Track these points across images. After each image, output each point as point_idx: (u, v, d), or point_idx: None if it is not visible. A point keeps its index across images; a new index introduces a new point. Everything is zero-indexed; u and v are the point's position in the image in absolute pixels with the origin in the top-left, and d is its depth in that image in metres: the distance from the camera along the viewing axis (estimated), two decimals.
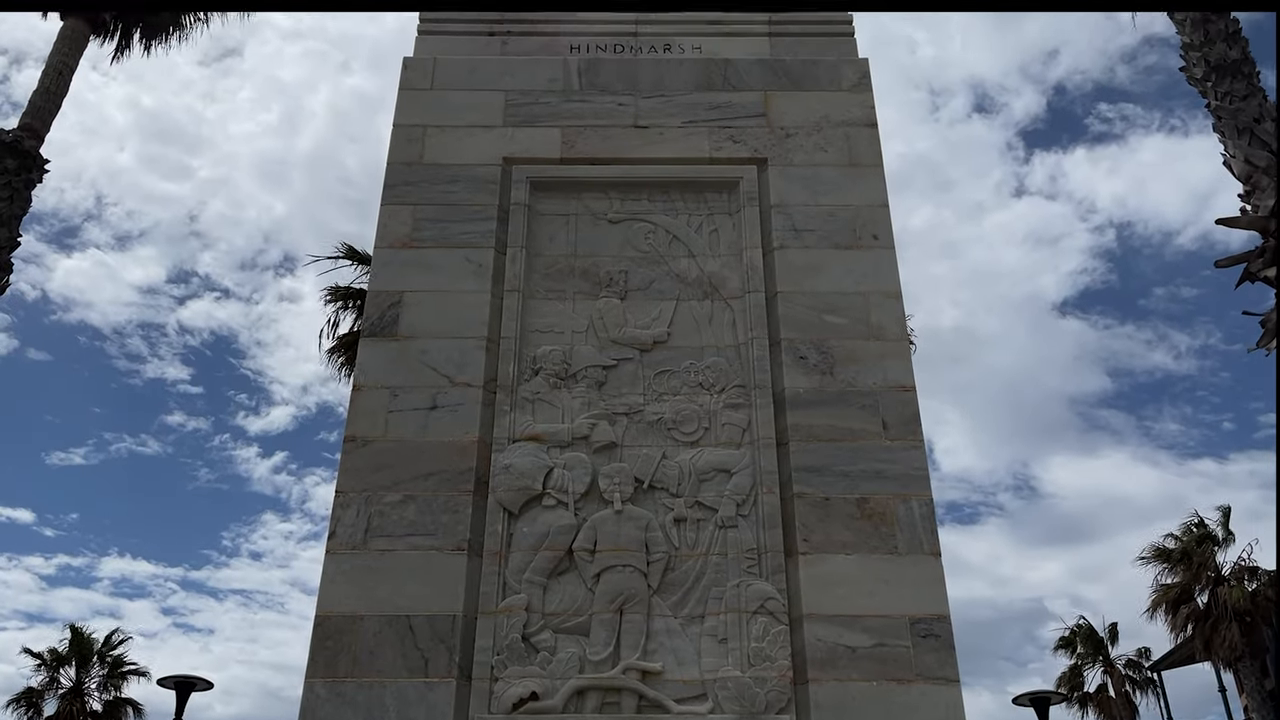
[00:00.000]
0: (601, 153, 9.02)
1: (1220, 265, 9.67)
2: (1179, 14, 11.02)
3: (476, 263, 8.39)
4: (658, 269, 8.55)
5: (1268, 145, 9.74)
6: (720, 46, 9.73)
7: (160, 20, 13.25)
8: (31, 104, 11.33)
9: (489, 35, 9.88)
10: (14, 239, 10.62)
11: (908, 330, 9.18)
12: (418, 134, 9.06)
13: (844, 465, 7.47)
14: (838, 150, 8.95)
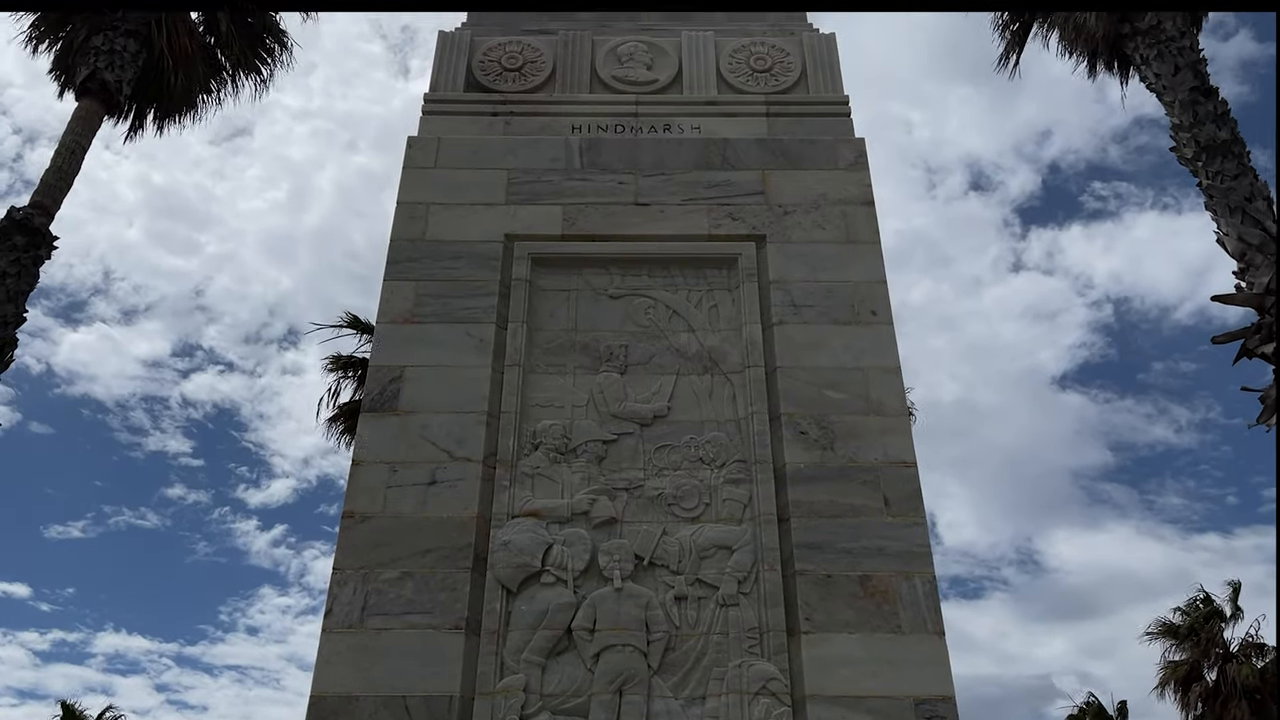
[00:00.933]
0: (602, 230, 9.13)
1: (1217, 341, 9.72)
2: (1168, 96, 11.26)
3: (478, 338, 8.44)
4: (658, 344, 8.60)
5: (1260, 223, 9.86)
6: (719, 126, 9.92)
7: (173, 100, 13.55)
8: (43, 182, 11.51)
9: (492, 115, 10.08)
10: (20, 314, 10.70)
11: (908, 404, 9.21)
12: (421, 211, 9.19)
13: (846, 542, 7.42)
14: (835, 227, 9.07)
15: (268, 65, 14.49)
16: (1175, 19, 11.85)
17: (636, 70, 10.46)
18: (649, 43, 10.67)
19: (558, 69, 10.49)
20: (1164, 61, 11.52)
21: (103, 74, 12.16)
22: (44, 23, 13.29)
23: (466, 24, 11.11)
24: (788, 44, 10.64)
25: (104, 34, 12.46)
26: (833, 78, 10.34)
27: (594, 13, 11.31)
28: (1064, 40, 13.52)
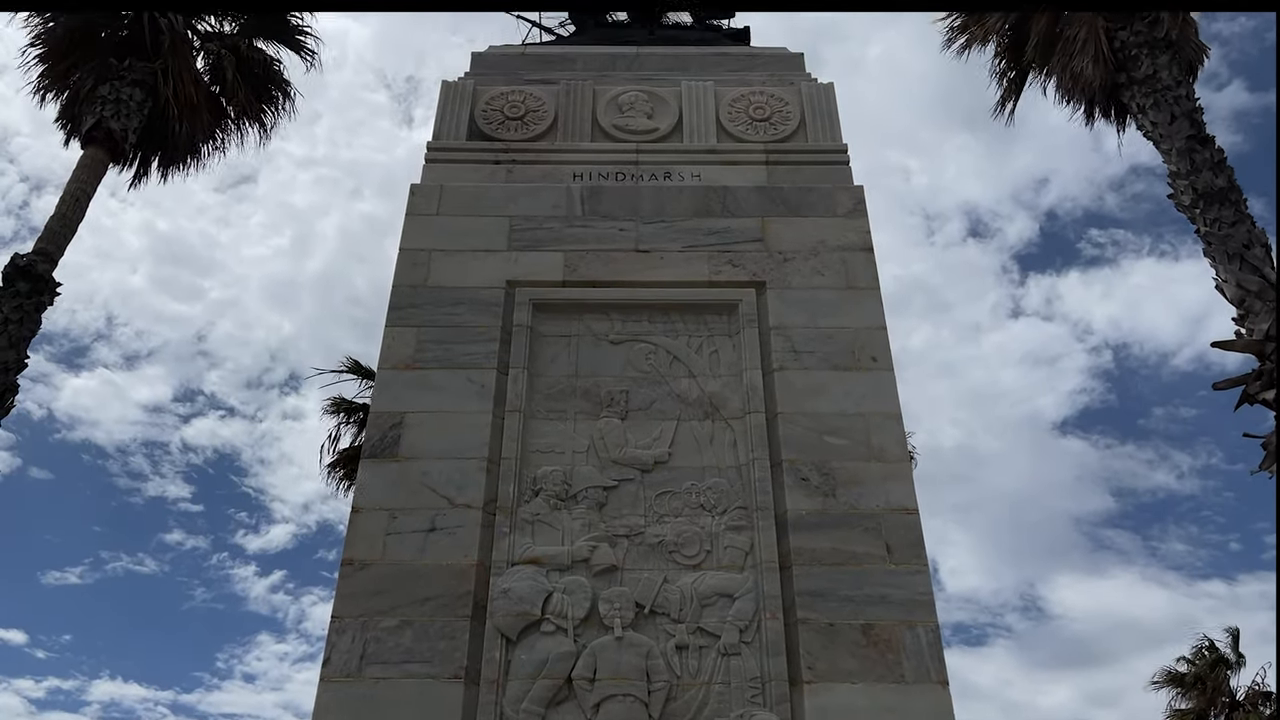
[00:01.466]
0: (603, 276, 9.17)
1: (1219, 387, 9.73)
2: (1165, 144, 11.38)
3: (479, 384, 8.44)
4: (659, 389, 8.60)
5: (1259, 270, 9.92)
6: (719, 174, 10.01)
7: (178, 148, 13.69)
8: (48, 229, 11.60)
9: (494, 163, 10.18)
10: (21, 360, 10.73)
11: (909, 450, 9.18)
12: (423, 258, 9.24)
13: (848, 590, 7.35)
14: (835, 274, 9.11)
15: (271, 113, 14.66)
16: (1171, 68, 12.00)
17: (637, 119, 10.59)
18: (649, 92, 10.81)
19: (559, 118, 10.61)
20: (1160, 110, 11.66)
21: (108, 123, 12.31)
22: (52, 72, 13.47)
23: (470, 73, 11.27)
24: (786, 93, 10.78)
25: (110, 83, 12.63)
26: (831, 126, 10.46)
27: (596, 58, 11.48)
28: (1061, 88, 13.66)
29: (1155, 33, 12.15)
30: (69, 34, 13.20)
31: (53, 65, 13.43)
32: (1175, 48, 12.16)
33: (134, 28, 13.22)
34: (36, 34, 13.37)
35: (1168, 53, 12.10)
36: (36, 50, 13.40)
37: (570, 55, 11.74)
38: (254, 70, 14.31)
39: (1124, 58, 12.37)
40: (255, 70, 14.33)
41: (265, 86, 14.50)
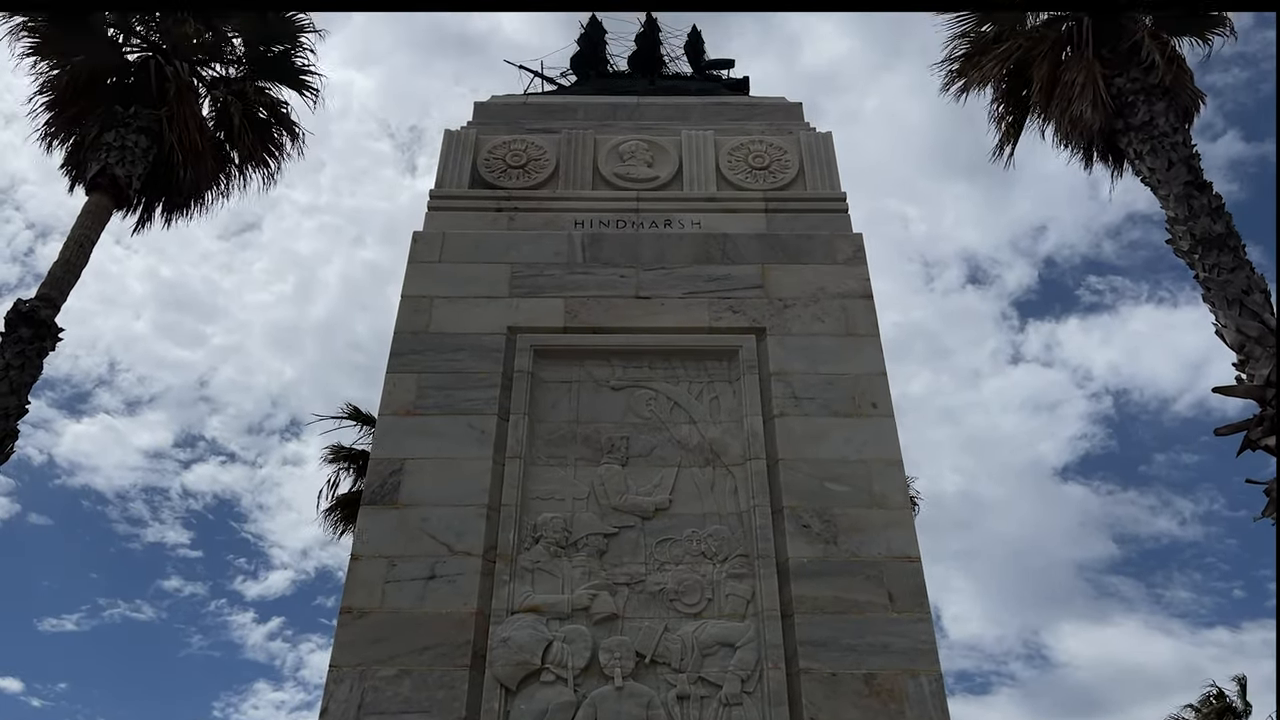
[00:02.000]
0: (604, 322, 9.21)
1: (1220, 433, 9.71)
2: (1162, 190, 11.46)
3: (479, 429, 8.44)
4: (659, 435, 8.59)
5: (1259, 316, 9.95)
6: (719, 222, 10.08)
7: (182, 194, 13.79)
8: (51, 274, 11.66)
9: (496, 211, 10.26)
10: (22, 406, 10.74)
11: (910, 496, 9.15)
12: (425, 304, 9.29)
13: (850, 639, 7.29)
14: (835, 320, 9.14)
15: (276, 157, 14.76)
16: (1167, 115, 12.12)
17: (638, 168, 10.69)
18: (650, 141, 10.93)
19: (561, 166, 10.71)
20: (1157, 156, 11.76)
21: (113, 169, 12.40)
22: (58, 119, 13.59)
23: (472, 122, 11.39)
24: (785, 142, 10.89)
25: (116, 130, 12.75)
26: (830, 174, 10.56)
27: (597, 107, 11.62)
28: (1059, 132, 13.76)
29: (1150, 79, 12.29)
30: (76, 81, 13.33)
31: (59, 112, 13.55)
32: (1171, 94, 12.29)
33: (140, 75, 13.36)
34: (44, 81, 13.52)
35: (1164, 99, 12.23)
36: (44, 98, 13.53)
37: (572, 105, 11.88)
38: (259, 114, 14.43)
39: (1121, 103, 12.49)
40: (260, 114, 14.45)
41: (270, 130, 14.61)
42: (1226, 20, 12.96)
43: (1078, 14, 13.00)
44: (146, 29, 13.74)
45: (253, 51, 14.47)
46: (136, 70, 13.48)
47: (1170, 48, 12.70)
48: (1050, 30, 13.33)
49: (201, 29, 14.07)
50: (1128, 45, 12.52)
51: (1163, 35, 12.69)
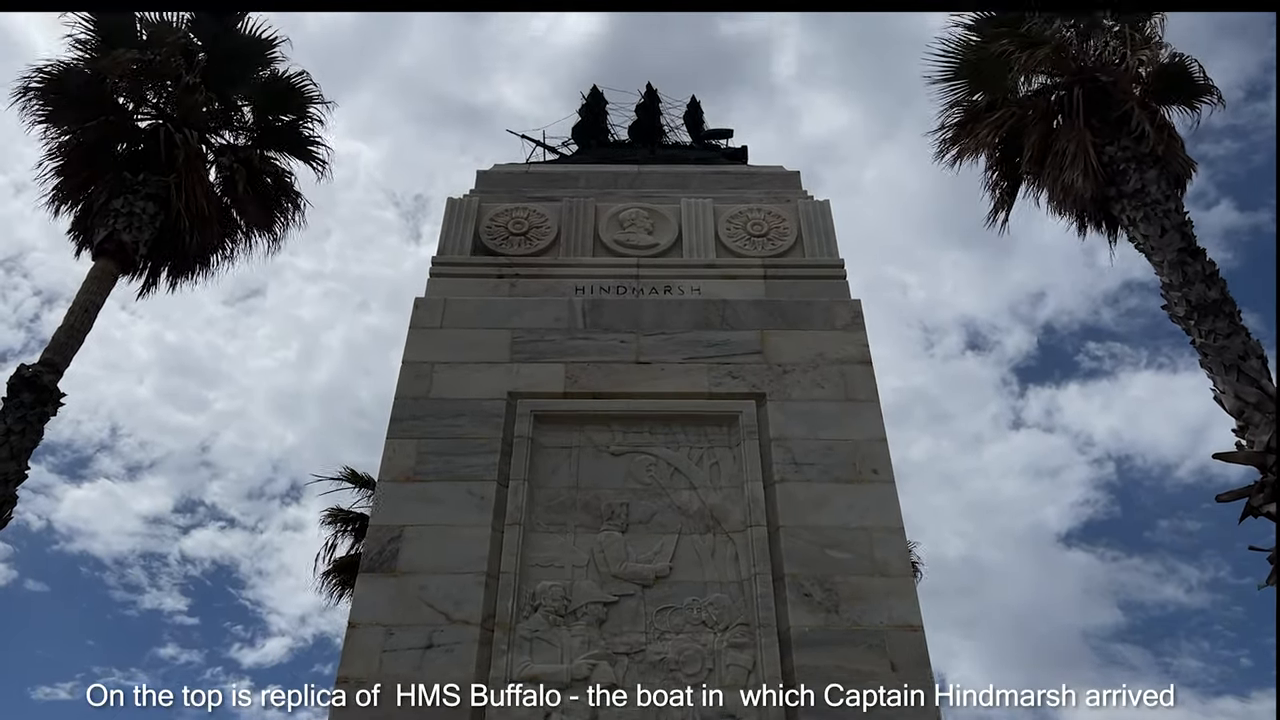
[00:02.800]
0: (604, 387, 9.25)
1: (1222, 500, 9.68)
2: (1156, 256, 11.55)
3: (479, 495, 8.43)
4: (659, 501, 8.58)
5: (1257, 382, 9.98)
6: (718, 288, 10.18)
7: (187, 259, 13.90)
8: (55, 340, 11.70)
9: (498, 277, 10.37)
10: (22, 472, 10.71)
11: (912, 562, 9.10)
12: (426, 370, 9.34)
13: (853, 709, 7.21)
14: (834, 386, 9.18)
15: (281, 223, 14.89)
16: (1159, 183, 12.24)
17: (638, 235, 10.83)
18: (650, 209, 11.08)
19: (562, 233, 10.85)
20: (1150, 223, 11.86)
21: (120, 235, 12.51)
22: (67, 185, 13.73)
23: (475, 190, 11.56)
24: (783, 210, 11.04)
25: (125, 196, 12.87)
26: (828, 242, 10.69)
27: (598, 176, 11.79)
28: (1053, 200, 13.88)
29: (1141, 148, 12.44)
30: (86, 148, 13.50)
31: (68, 178, 13.69)
32: (1162, 163, 12.43)
33: (150, 142, 13.55)
34: (54, 147, 13.70)
35: (1155, 167, 12.36)
36: (53, 163, 13.70)
37: (573, 173, 12.06)
38: (265, 182, 14.60)
39: (1113, 171, 12.62)
40: (266, 182, 14.62)
41: (276, 197, 14.75)
42: (1214, 89, 13.17)
43: (1068, 84, 13.22)
44: (158, 97, 13.97)
45: (261, 120, 14.70)
46: (147, 138, 13.66)
47: (1160, 116, 12.88)
48: (1041, 99, 13.53)
49: (212, 97, 14.29)
50: (1118, 114, 12.71)
51: (1152, 104, 12.88)
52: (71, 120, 13.56)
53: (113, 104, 13.75)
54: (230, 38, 14.34)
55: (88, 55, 13.72)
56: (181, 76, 13.74)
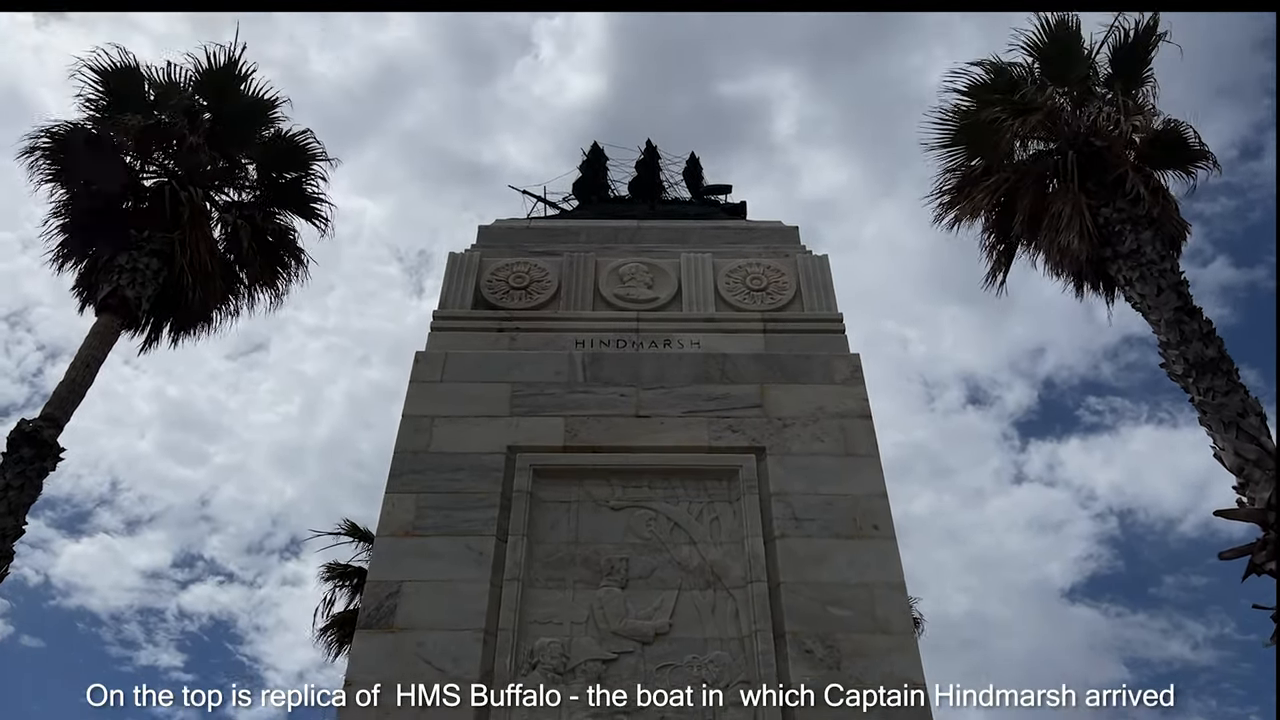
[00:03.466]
0: (604, 441, 9.25)
1: (1225, 557, 9.63)
2: (1154, 315, 11.63)
3: (477, 551, 8.39)
4: (659, 557, 8.52)
5: (1256, 439, 9.99)
6: (718, 342, 10.24)
7: (190, 315, 13.97)
8: (56, 394, 11.71)
9: (498, 331, 10.43)
10: (19, 527, 10.64)
11: (915, 618, 9.02)
12: (426, 424, 9.34)
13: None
14: (834, 440, 9.18)
15: (284, 279, 14.99)
16: (1154, 243, 12.34)
17: (638, 289, 10.91)
18: (649, 263, 11.19)
19: (563, 287, 10.94)
20: (1146, 283, 11.95)
21: (124, 290, 12.58)
22: (72, 242, 13.85)
23: (476, 245, 11.68)
24: (782, 264, 11.14)
25: (129, 253, 12.98)
26: (826, 296, 10.78)
27: (599, 230, 11.91)
28: (1049, 261, 13.98)
29: (1136, 210, 12.58)
30: (92, 205, 13.63)
31: (73, 236, 13.81)
32: (1157, 224, 12.55)
33: (155, 200, 13.68)
34: (59, 206, 13.84)
35: (1150, 229, 12.48)
36: (58, 221, 13.83)
37: (574, 228, 12.19)
38: (268, 238, 14.72)
39: (1109, 233, 12.73)
40: (269, 239, 14.74)
41: (279, 254, 14.87)
42: (1209, 154, 13.34)
43: (1062, 148, 13.41)
44: (164, 156, 14.15)
45: (265, 178, 14.88)
46: (152, 195, 13.81)
47: (1154, 180, 13.04)
48: (1036, 164, 13.71)
49: (216, 156, 14.48)
50: (1112, 177, 12.86)
51: (1146, 168, 13.05)
52: (78, 179, 13.72)
53: (119, 163, 13.92)
54: (234, 98, 14.58)
55: (96, 115, 13.95)
56: (186, 136, 13.94)
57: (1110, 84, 13.66)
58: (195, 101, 14.42)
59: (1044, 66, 13.85)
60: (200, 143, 14.05)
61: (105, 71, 14.03)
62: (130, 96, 14.03)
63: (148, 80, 14.31)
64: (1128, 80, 13.54)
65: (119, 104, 13.91)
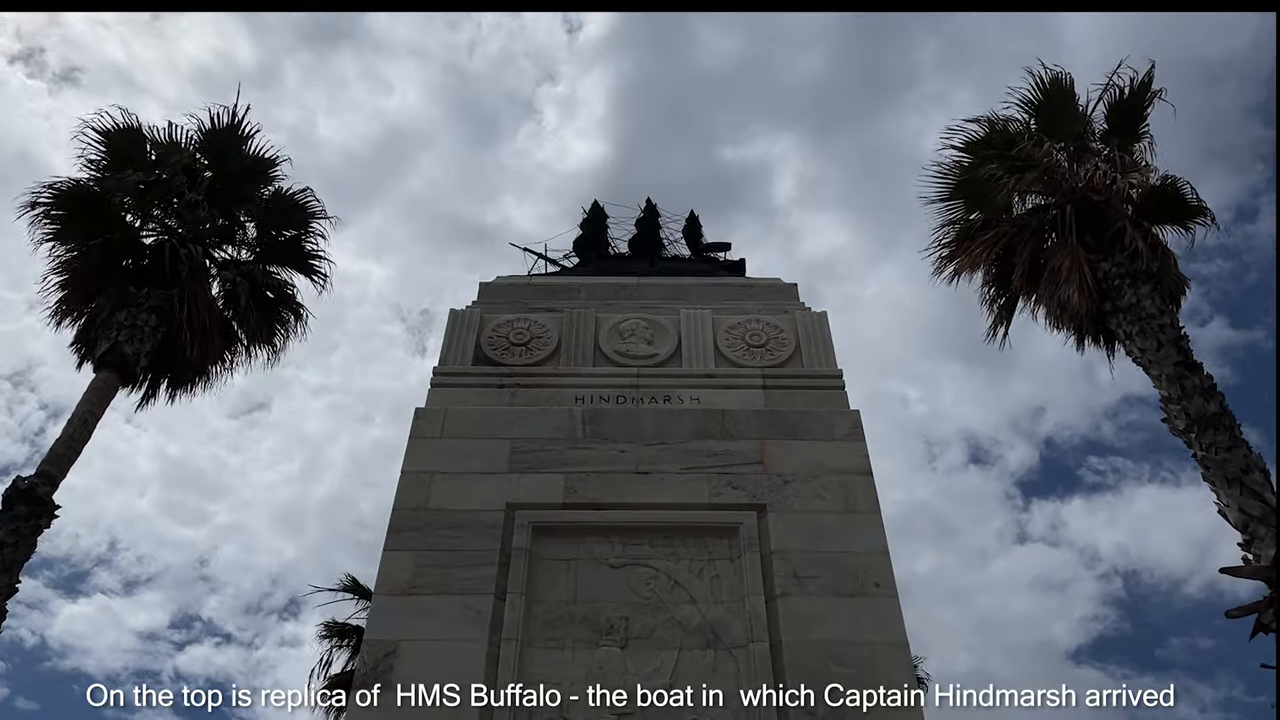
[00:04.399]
0: (604, 498, 9.19)
1: (1231, 616, 9.52)
2: (1154, 370, 11.62)
3: (475, 610, 8.28)
4: (659, 615, 8.42)
5: (1260, 495, 9.92)
6: (717, 398, 10.21)
7: (188, 371, 13.95)
8: (53, 451, 11.65)
9: (499, 387, 10.41)
10: (13, 585, 10.51)
11: (918, 678, 8.89)
12: (425, 480, 9.28)
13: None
14: (835, 497, 9.12)
15: (281, 335, 15.00)
16: (1154, 298, 12.37)
17: (638, 345, 10.92)
18: (649, 319, 11.21)
19: (563, 344, 10.94)
20: (1147, 338, 11.96)
21: (123, 347, 12.59)
22: (71, 299, 13.87)
23: (477, 302, 11.71)
24: (781, 321, 11.16)
25: (128, 310, 13.01)
26: (826, 352, 10.78)
27: (599, 287, 11.95)
28: (1049, 315, 14.00)
29: (1135, 265, 12.63)
30: (91, 262, 13.67)
31: (72, 292, 13.84)
32: (1156, 279, 12.61)
33: (154, 257, 13.75)
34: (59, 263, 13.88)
35: (1149, 283, 12.52)
36: (58, 277, 13.86)
37: (574, 285, 12.24)
38: (267, 295, 14.76)
39: (1108, 287, 12.76)
40: (269, 295, 14.79)
41: (278, 310, 14.91)
42: (1207, 210, 13.43)
43: (1060, 203, 13.50)
44: (164, 213, 14.24)
45: (264, 235, 14.97)
46: (151, 253, 13.88)
47: (1153, 235, 13.12)
48: (1034, 217, 13.79)
49: (216, 213, 14.59)
50: (1110, 232, 12.93)
51: (1144, 223, 13.12)
52: (78, 236, 13.78)
53: (119, 221, 14.01)
54: (236, 157, 14.73)
55: (98, 174, 14.07)
56: (186, 194, 14.05)
57: (1107, 139, 13.80)
58: (196, 160, 14.57)
59: (1039, 122, 14.01)
60: (200, 200, 14.18)
61: (108, 132, 14.19)
62: (132, 155, 14.17)
63: (150, 140, 14.48)
64: (1124, 136, 13.68)
65: (121, 163, 14.04)
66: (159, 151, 14.45)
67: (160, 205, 14.30)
